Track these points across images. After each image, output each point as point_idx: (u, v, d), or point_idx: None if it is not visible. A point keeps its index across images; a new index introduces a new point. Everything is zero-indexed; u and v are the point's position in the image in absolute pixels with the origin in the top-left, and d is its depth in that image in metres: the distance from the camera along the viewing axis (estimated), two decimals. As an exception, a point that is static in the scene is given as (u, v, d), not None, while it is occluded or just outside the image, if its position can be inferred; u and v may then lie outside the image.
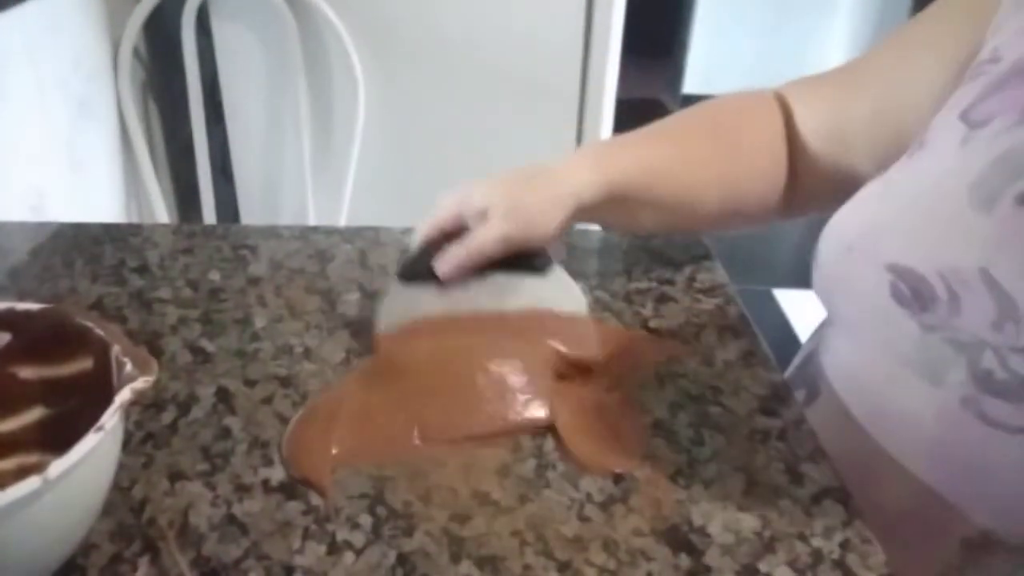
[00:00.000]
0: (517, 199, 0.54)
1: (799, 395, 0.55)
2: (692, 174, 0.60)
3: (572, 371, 0.51)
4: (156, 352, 0.53)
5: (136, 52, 1.33)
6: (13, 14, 0.97)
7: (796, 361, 0.62)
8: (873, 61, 0.59)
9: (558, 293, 0.56)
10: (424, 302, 0.54)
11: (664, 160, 0.59)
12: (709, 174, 0.60)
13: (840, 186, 0.59)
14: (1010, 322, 0.40)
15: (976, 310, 0.42)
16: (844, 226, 0.51)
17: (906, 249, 0.45)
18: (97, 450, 0.33)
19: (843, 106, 0.59)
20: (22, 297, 0.53)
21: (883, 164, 0.55)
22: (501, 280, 0.55)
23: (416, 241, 0.57)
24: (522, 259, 0.56)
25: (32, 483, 0.31)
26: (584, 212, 0.57)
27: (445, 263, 0.54)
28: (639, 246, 0.69)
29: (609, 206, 0.57)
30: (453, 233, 0.55)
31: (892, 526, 0.46)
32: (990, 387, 0.41)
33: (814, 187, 0.62)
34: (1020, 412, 0.40)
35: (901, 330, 0.46)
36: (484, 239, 0.53)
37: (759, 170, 0.61)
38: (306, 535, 0.40)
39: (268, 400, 0.49)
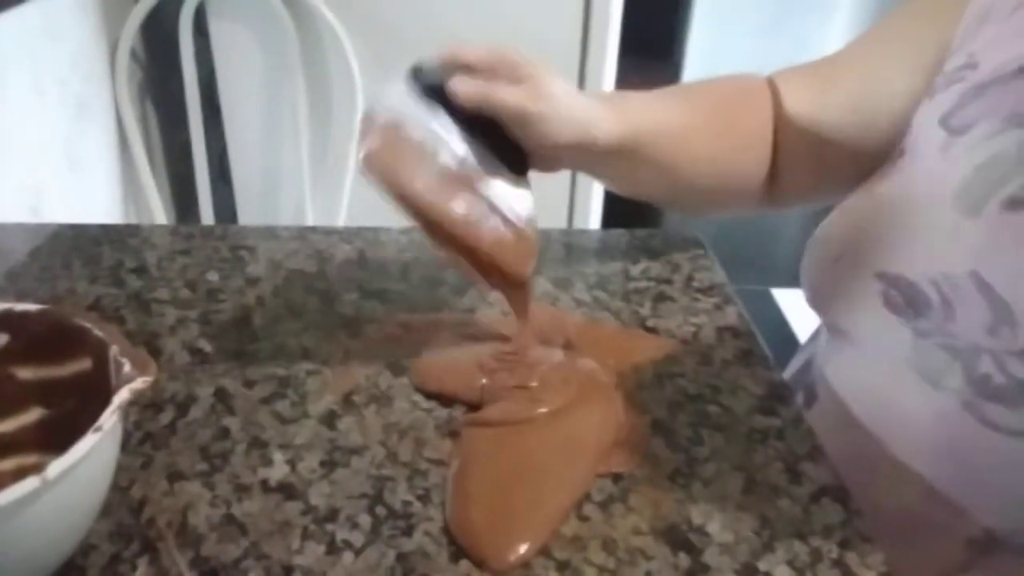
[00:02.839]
0: (559, 94, 0.49)
1: (797, 399, 0.55)
2: (692, 139, 0.58)
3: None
4: (154, 352, 0.53)
5: (133, 53, 1.33)
6: (10, 15, 0.97)
7: (794, 365, 0.62)
8: (849, 55, 0.59)
9: (520, 192, 0.50)
10: (415, 112, 0.48)
11: (671, 121, 0.57)
12: (706, 142, 0.59)
13: (817, 179, 0.59)
14: (1005, 326, 0.40)
15: (970, 315, 0.42)
16: (830, 235, 0.51)
17: (895, 257, 0.45)
18: (96, 450, 0.33)
19: (822, 97, 0.59)
20: (20, 298, 0.53)
21: (857, 159, 0.55)
22: (484, 153, 0.50)
23: (438, 56, 0.50)
24: (510, 147, 0.51)
25: (31, 483, 0.30)
26: (590, 155, 0.53)
27: (461, 83, 0.48)
28: (637, 245, 0.69)
29: (614, 158, 0.54)
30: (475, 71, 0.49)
31: (896, 527, 0.46)
32: (988, 392, 0.41)
33: (793, 177, 0.61)
34: (1019, 416, 0.40)
35: (896, 336, 0.45)
36: (508, 98, 0.48)
37: (749, 149, 0.61)
38: (305, 535, 0.40)
39: (267, 400, 0.49)
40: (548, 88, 0.49)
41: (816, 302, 0.52)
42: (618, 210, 1.58)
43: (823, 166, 0.59)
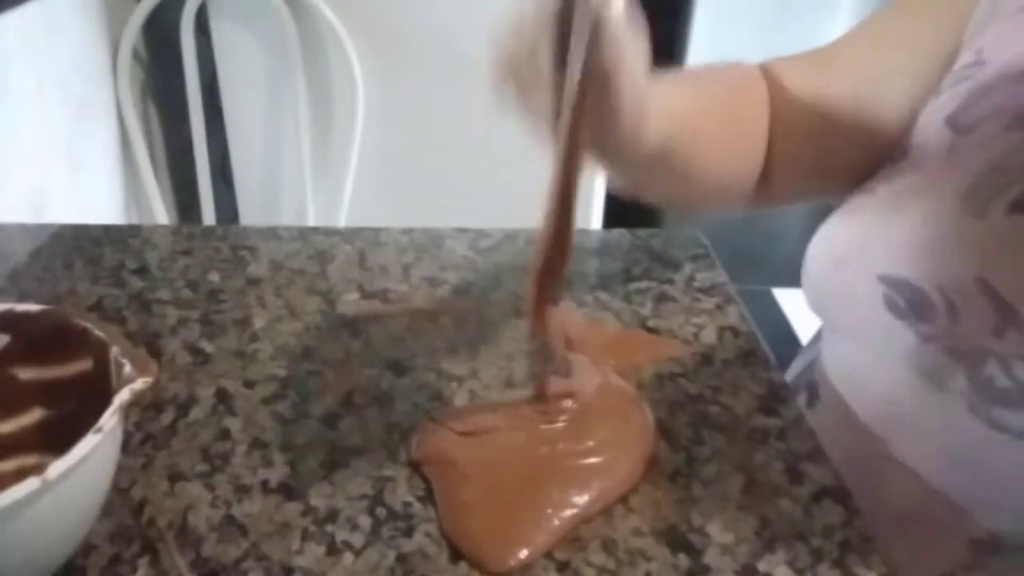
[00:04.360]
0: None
1: (800, 399, 0.55)
2: (707, 128, 0.53)
3: None
4: (155, 353, 0.53)
5: (135, 53, 1.33)
6: (12, 15, 0.97)
7: (797, 365, 0.62)
8: (848, 48, 0.57)
9: None
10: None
11: (687, 106, 0.50)
12: (716, 130, 0.55)
13: (813, 174, 0.58)
14: (1012, 329, 0.39)
15: (976, 319, 0.41)
16: (831, 239, 0.50)
17: (898, 260, 0.45)
18: (96, 451, 0.33)
19: (823, 87, 0.57)
20: (22, 298, 0.53)
21: (858, 153, 0.54)
22: None
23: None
24: None
25: (31, 484, 0.31)
26: (647, 133, 0.45)
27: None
28: (639, 245, 0.69)
29: (665, 144, 0.47)
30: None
31: (899, 526, 0.46)
32: (992, 395, 0.41)
33: (788, 171, 0.59)
34: None
35: (899, 340, 0.45)
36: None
37: (750, 139, 0.58)
38: (305, 536, 0.40)
39: (268, 401, 0.50)
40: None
41: (817, 304, 0.52)
42: (619, 210, 1.58)
43: (821, 159, 0.58)
